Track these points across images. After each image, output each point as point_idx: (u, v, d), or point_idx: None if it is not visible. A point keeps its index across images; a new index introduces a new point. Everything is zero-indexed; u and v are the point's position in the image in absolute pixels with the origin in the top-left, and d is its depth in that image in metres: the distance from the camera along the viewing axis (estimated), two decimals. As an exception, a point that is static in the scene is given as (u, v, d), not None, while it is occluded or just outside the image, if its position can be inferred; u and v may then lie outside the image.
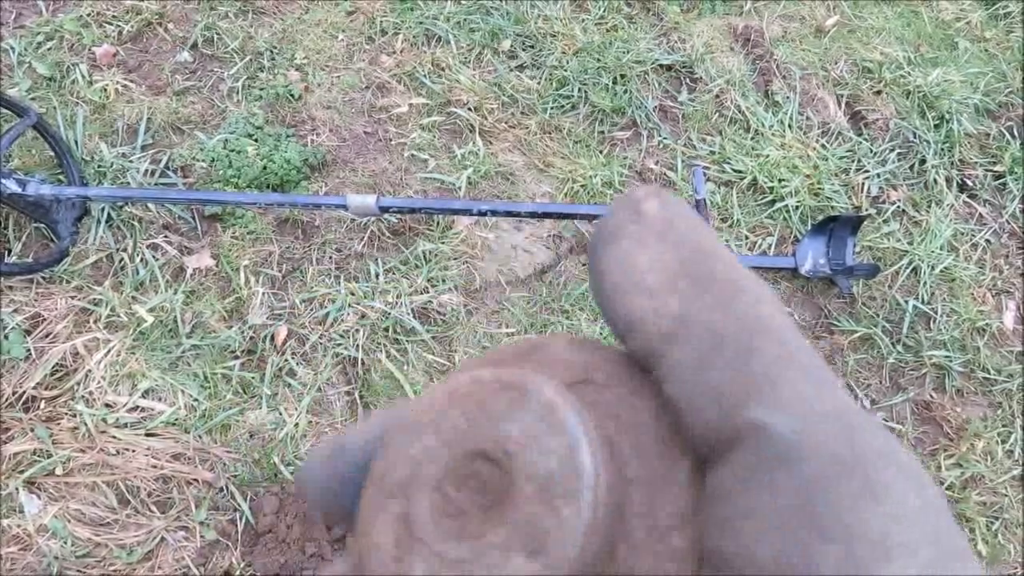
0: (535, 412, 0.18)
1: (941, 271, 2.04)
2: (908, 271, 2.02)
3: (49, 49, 1.91)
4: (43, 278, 1.62)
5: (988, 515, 1.76)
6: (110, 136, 1.84)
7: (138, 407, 1.55)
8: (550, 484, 0.18)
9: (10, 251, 1.66)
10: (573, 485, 0.17)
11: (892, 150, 2.20)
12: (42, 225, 1.67)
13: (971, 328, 1.99)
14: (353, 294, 1.73)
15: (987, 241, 2.14)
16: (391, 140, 1.97)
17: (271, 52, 2.04)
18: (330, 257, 1.78)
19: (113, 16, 2.00)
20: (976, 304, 2.03)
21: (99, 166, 1.77)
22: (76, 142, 1.79)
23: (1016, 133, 2.32)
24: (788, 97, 2.23)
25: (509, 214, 1.47)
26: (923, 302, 1.98)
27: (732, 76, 2.24)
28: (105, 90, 1.88)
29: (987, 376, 1.92)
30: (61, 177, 1.71)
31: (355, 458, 0.22)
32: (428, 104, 2.04)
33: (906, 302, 1.97)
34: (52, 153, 1.70)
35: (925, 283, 2.00)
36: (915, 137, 2.24)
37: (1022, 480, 1.81)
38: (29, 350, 1.55)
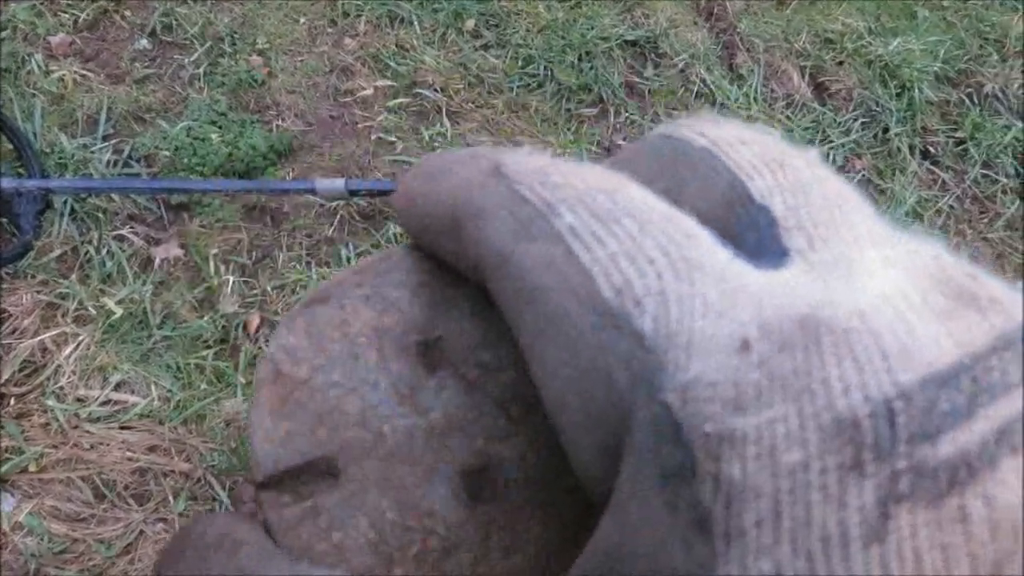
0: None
1: (907, 237, 2.07)
2: (875, 238, 2.04)
3: (2, 40, 1.87)
4: (7, 273, 1.59)
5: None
6: (70, 127, 1.80)
7: (111, 400, 1.53)
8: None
9: (-29, 247, 1.62)
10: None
11: (856, 120, 2.23)
12: (3, 220, 1.63)
13: (937, 292, 2.02)
14: (325, 279, 1.71)
15: (950, 207, 2.17)
16: (357, 123, 1.95)
17: (232, 37, 2.01)
18: (300, 243, 1.76)
19: (68, 4, 1.96)
20: (941, 269, 2.06)
21: (60, 158, 1.74)
22: (35, 134, 1.75)
23: (976, 99, 2.35)
24: (752, 70, 2.24)
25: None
26: (890, 268, 2.01)
27: (697, 50, 2.24)
28: (63, 80, 1.84)
29: (954, 339, 1.96)
30: (21, 170, 1.67)
31: None
32: (394, 86, 2.03)
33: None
34: (11, 146, 1.67)
35: (891, 250, 2.03)
36: (878, 106, 2.26)
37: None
38: (-4, 347, 1.52)
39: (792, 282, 0.13)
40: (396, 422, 0.17)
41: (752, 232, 0.14)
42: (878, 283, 0.13)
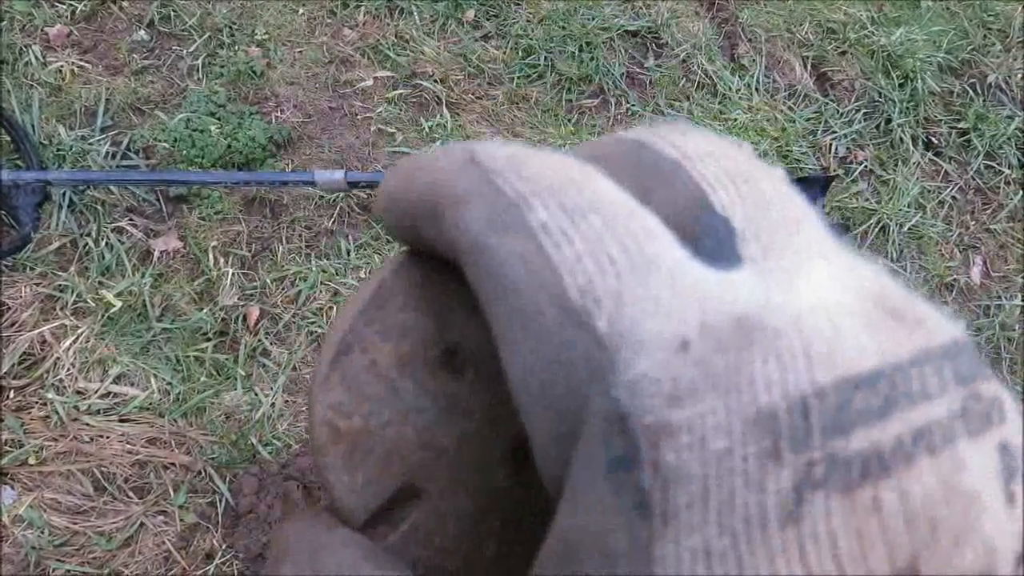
0: None
1: (909, 229, 2.06)
2: (877, 230, 2.04)
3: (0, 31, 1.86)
4: (6, 266, 1.59)
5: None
6: (68, 119, 1.79)
7: (110, 393, 1.52)
8: None
9: (-30, 240, 1.62)
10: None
11: (858, 110, 2.21)
12: (1, 212, 1.63)
13: (940, 284, 2.01)
14: (325, 271, 1.71)
15: (953, 198, 2.16)
16: (357, 115, 1.94)
17: (230, 28, 2.00)
18: (300, 235, 1.75)
19: (65, -5, 1.95)
20: (944, 260, 2.05)
21: (58, 150, 1.73)
22: (33, 126, 1.75)
23: (979, 90, 2.34)
24: (754, 60, 2.23)
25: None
26: (892, 260, 2.01)
27: (698, 41, 2.23)
28: (60, 71, 1.83)
29: (956, 330, 1.95)
30: (19, 162, 1.67)
31: None
32: (393, 77, 2.02)
33: (876, 260, 1.99)
34: (8, 138, 1.66)
35: (894, 241, 2.03)
36: (880, 97, 2.25)
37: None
38: (-5, 340, 1.52)
39: (738, 284, 0.14)
40: (450, 432, 0.19)
41: (710, 238, 0.15)
42: (819, 292, 0.14)
